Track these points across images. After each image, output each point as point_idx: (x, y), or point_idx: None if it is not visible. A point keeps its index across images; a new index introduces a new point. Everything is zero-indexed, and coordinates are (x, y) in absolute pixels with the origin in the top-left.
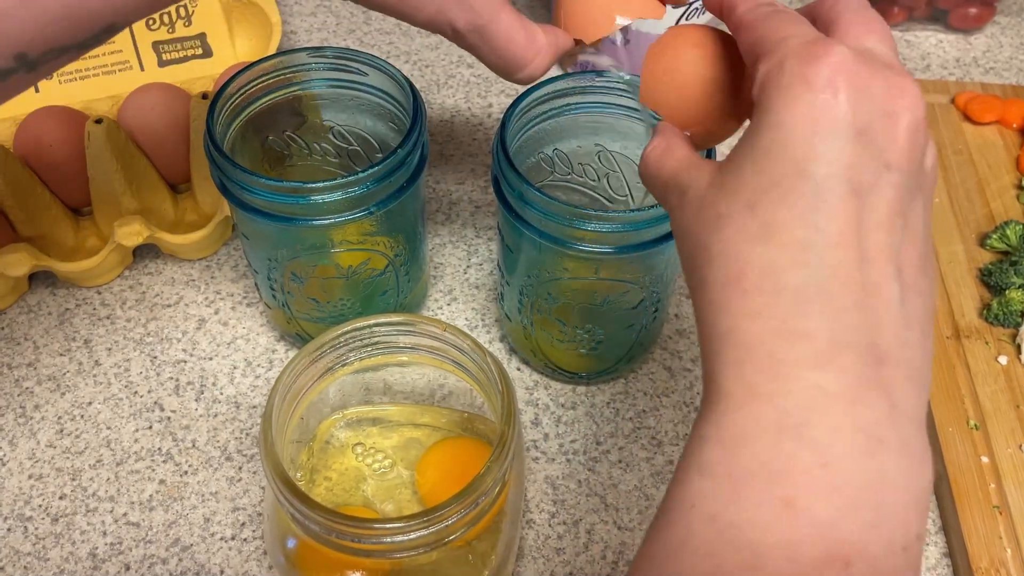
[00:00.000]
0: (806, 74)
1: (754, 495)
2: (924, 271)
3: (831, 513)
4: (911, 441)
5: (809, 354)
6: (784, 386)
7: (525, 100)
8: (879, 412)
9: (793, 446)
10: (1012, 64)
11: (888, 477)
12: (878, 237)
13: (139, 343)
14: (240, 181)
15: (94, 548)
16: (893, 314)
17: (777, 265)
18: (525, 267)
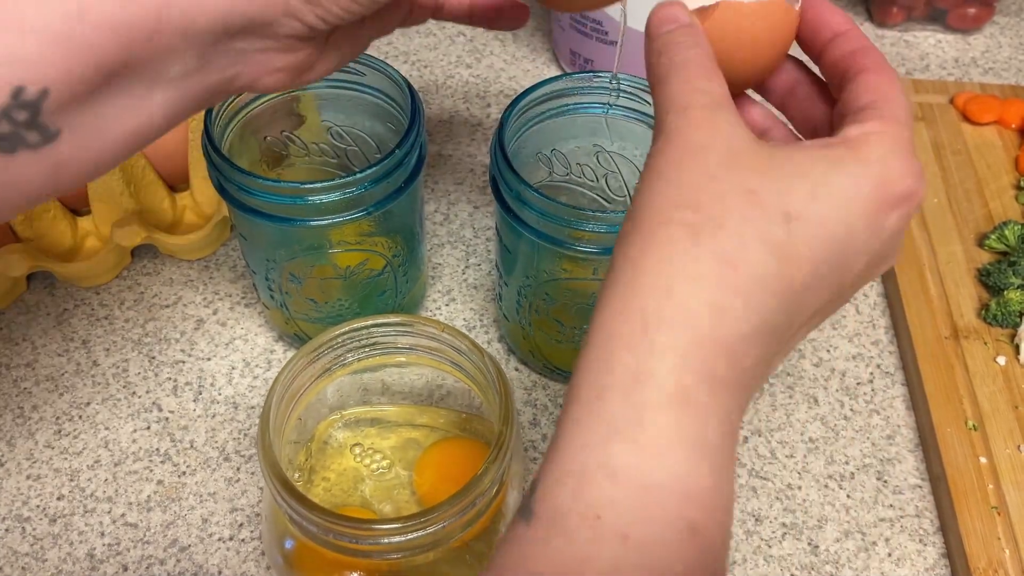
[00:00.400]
0: (885, 184)
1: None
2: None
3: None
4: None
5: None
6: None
7: (523, 100)
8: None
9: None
10: (1011, 64)
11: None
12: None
13: (137, 343)
14: (238, 182)
15: (92, 549)
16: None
17: (725, 306)
18: (523, 267)
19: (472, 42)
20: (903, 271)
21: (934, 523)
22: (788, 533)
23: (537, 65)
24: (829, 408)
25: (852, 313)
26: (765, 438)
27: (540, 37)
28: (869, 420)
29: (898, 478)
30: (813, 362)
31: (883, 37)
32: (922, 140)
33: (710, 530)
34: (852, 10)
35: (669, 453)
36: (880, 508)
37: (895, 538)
